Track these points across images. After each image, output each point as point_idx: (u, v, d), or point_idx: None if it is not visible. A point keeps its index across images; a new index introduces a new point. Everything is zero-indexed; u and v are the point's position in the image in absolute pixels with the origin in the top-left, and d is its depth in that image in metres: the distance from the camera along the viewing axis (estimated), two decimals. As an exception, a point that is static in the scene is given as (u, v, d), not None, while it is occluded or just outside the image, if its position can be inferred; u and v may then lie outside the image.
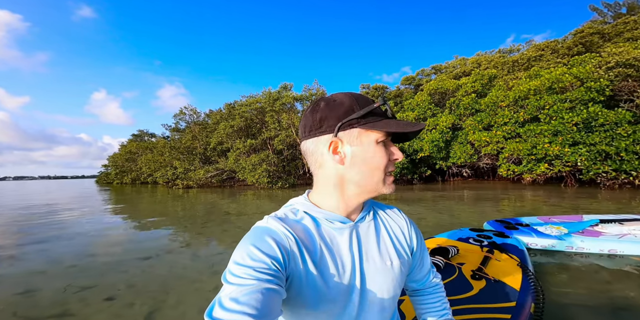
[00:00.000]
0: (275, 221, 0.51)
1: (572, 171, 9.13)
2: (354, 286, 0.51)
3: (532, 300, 1.24)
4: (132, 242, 3.89)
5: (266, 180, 14.89)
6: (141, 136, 37.53)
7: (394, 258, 0.56)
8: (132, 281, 2.42)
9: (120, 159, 33.82)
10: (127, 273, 2.62)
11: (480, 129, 11.49)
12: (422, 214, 5.13)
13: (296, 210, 0.56)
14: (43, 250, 3.50)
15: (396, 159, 0.53)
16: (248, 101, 19.33)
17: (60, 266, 2.86)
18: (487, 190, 8.88)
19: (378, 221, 0.61)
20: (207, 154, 21.02)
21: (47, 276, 2.58)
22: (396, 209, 0.66)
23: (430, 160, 13.32)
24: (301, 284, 0.48)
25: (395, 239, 0.60)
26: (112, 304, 2.02)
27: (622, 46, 10.32)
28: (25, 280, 2.49)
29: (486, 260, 1.65)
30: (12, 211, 7.91)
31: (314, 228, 0.53)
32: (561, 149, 8.60)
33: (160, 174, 23.04)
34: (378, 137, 0.50)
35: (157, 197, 12.21)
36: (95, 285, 2.35)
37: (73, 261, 3.03)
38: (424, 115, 13.97)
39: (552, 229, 2.55)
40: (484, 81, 13.54)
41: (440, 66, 26.33)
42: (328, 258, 0.51)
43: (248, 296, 0.39)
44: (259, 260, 0.44)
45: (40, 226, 5.34)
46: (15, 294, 2.19)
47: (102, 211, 7.57)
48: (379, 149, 0.51)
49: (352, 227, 0.55)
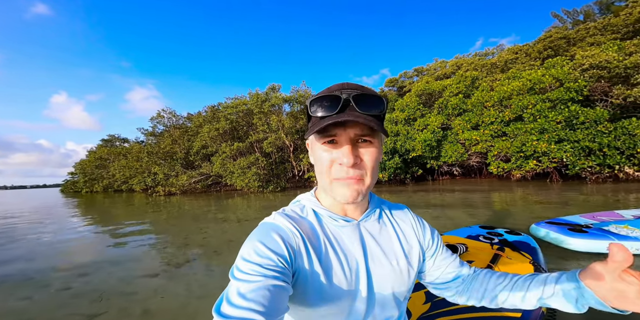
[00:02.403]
0: (282, 217, 0.52)
1: (557, 167, 9.64)
2: (359, 285, 0.51)
3: None
4: (129, 259, 3.37)
5: (257, 184, 14.33)
6: (112, 141, 34.96)
7: (400, 258, 0.55)
8: (146, 305, 2.01)
9: (89, 165, 31.24)
10: (136, 295, 2.20)
11: (469, 129, 11.87)
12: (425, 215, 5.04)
13: (303, 206, 0.57)
14: (22, 272, 2.89)
15: (341, 163, 0.47)
16: (233, 103, 18.58)
17: (50, 289, 2.35)
18: (481, 188, 9.11)
19: (384, 220, 0.59)
20: (190, 159, 19.91)
21: (36, 303, 2.08)
22: (406, 209, 0.65)
23: (421, 160, 13.55)
24: (306, 281, 0.48)
25: (402, 238, 0.58)
26: None
27: (592, 49, 11.19)
28: (10, 307, 1.98)
29: (496, 258, 1.60)
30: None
31: (319, 226, 0.53)
32: (548, 146, 9.04)
33: (137, 181, 21.47)
34: (317, 139, 0.49)
35: (147, 205, 11.22)
36: (102, 312, 1.92)
37: (65, 282, 2.51)
38: (413, 115, 14.23)
39: (622, 229, 2.38)
40: (467, 83, 14.07)
41: (422, 68, 27.30)
42: (332, 256, 0.50)
43: (255, 292, 0.39)
44: (265, 257, 0.44)
45: (7, 244, 4.54)
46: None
47: (76, 222, 6.71)
48: (320, 152, 0.49)
49: (356, 225, 0.55)
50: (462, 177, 14.66)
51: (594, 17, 22.49)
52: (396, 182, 13.68)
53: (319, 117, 0.47)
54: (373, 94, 0.48)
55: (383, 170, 12.59)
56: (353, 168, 0.47)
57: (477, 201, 6.22)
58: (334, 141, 0.47)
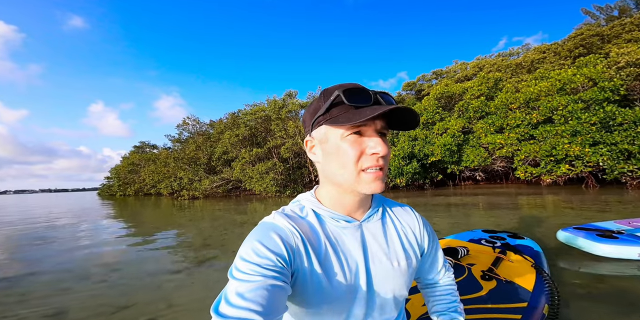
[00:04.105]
0: (281, 217, 0.51)
1: (593, 171, 8.91)
2: (359, 286, 0.51)
3: (546, 301, 1.20)
4: (157, 255, 3.62)
5: (275, 189, 14.62)
6: (143, 148, 37.41)
7: (401, 259, 0.55)
8: (171, 299, 2.17)
9: (123, 170, 33.59)
10: (161, 289, 2.37)
11: (492, 132, 11.36)
12: (435, 218, 4.87)
13: (302, 206, 0.56)
14: (63, 266, 3.22)
15: (374, 153, 0.46)
16: (252, 110, 19.31)
17: (87, 282, 2.59)
18: (506, 193, 8.63)
19: (387, 220, 0.59)
20: (212, 164, 20.81)
21: (74, 294, 2.32)
22: (408, 208, 0.64)
23: (441, 165, 13.12)
24: (305, 282, 0.48)
25: (405, 239, 0.58)
26: None
27: (629, 46, 10.36)
28: (52, 299, 2.22)
29: (498, 261, 1.61)
30: (20, 224, 7.62)
31: (319, 226, 0.52)
32: (582, 149, 8.42)
33: (164, 185, 22.74)
34: (343, 131, 0.47)
35: (172, 208, 11.90)
36: (131, 304, 2.10)
37: (99, 276, 2.76)
38: (432, 119, 13.89)
39: None
40: (489, 84, 13.54)
41: (441, 71, 26.68)
42: (333, 257, 0.50)
43: (253, 292, 0.39)
44: (264, 257, 0.44)
45: (52, 241, 5.05)
46: (44, 316, 1.92)
47: (115, 223, 7.28)
48: (346, 143, 0.47)
49: (357, 226, 0.54)
50: (486, 183, 13.95)
51: (630, 12, 20.86)
52: (414, 188, 13.33)
53: (353, 106, 0.47)
54: (386, 92, 0.51)
55: (400, 175, 12.34)
56: (382, 158, 0.47)
57: (502, 207, 5.92)
58: (360, 132, 0.47)
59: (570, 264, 2.32)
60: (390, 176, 12.89)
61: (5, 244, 4.93)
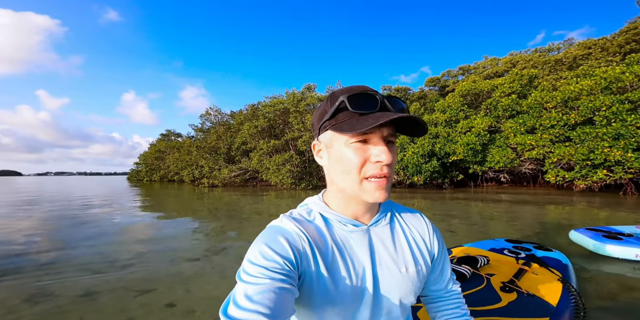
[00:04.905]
0: (289, 221, 0.51)
1: (634, 178, 8.14)
2: (365, 291, 0.50)
3: (570, 317, 1.14)
4: (178, 241, 3.85)
5: (290, 181, 14.84)
6: (168, 136, 39.24)
7: (409, 265, 0.54)
8: (189, 285, 2.29)
9: (150, 157, 35.56)
10: (181, 275, 2.51)
11: (523, 132, 10.65)
12: (451, 221, 4.68)
13: (310, 210, 0.56)
14: (93, 247, 3.52)
15: (378, 161, 0.46)
16: (271, 102, 19.46)
17: (115, 266, 2.81)
18: (533, 197, 8.13)
19: (395, 225, 0.58)
20: (231, 154, 21.44)
21: (104, 276, 2.52)
22: (418, 214, 0.63)
23: (463, 164, 12.58)
24: (312, 285, 0.48)
25: (413, 244, 0.57)
26: (174, 311, 1.88)
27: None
28: (84, 280, 2.44)
29: (520, 272, 1.52)
30: (58, 206, 8.38)
31: (326, 230, 0.52)
32: (624, 154, 7.68)
33: (186, 173, 23.86)
34: (347, 137, 0.47)
35: (193, 195, 12.50)
36: (153, 289, 2.24)
37: (126, 260, 2.97)
38: (456, 117, 13.26)
39: None
40: (523, 81, 12.60)
41: (469, 67, 25.31)
42: (339, 261, 0.50)
43: (261, 295, 0.39)
44: (271, 260, 0.44)
45: (86, 222, 5.51)
46: (79, 296, 2.11)
47: (142, 208, 7.79)
48: (350, 150, 0.47)
49: (365, 230, 0.54)
50: (511, 185, 13.23)
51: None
52: (432, 187, 12.94)
53: (357, 113, 0.46)
54: (395, 96, 0.49)
55: (419, 174, 12.02)
56: (387, 166, 0.47)
57: (528, 212, 5.60)
58: (365, 140, 0.47)
59: (600, 276, 2.18)
60: (407, 174, 12.59)
61: (48, 224, 5.47)
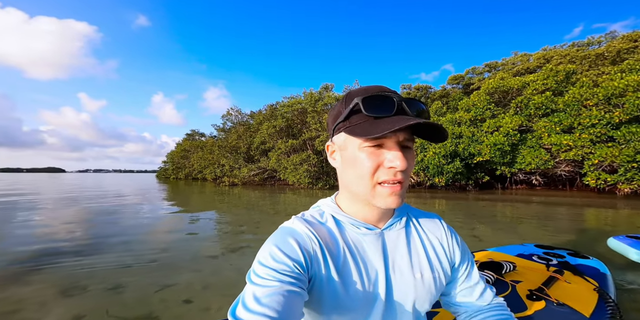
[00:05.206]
0: (300, 223, 0.51)
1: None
2: (377, 296, 0.49)
3: None
4: (199, 237, 3.98)
5: (307, 181, 14.90)
6: (193, 135, 41.07)
7: (425, 270, 0.52)
8: (207, 282, 2.35)
9: (177, 156, 37.44)
10: (200, 272, 2.59)
11: (558, 132, 9.86)
12: (475, 224, 4.37)
13: (322, 212, 0.56)
14: (124, 241, 3.72)
15: (392, 166, 0.44)
16: (289, 102, 19.67)
17: (142, 260, 2.95)
18: (569, 201, 7.47)
19: (411, 229, 0.56)
20: (251, 153, 21.97)
21: (131, 270, 2.65)
22: (436, 218, 0.61)
23: (489, 166, 11.90)
24: (322, 289, 0.47)
25: (430, 249, 0.55)
26: (190, 307, 1.94)
27: None
28: (113, 273, 2.57)
29: (551, 280, 1.39)
30: (97, 202, 9.05)
31: (338, 232, 0.51)
32: (680, 157, 6.84)
33: (209, 171, 24.81)
34: (360, 141, 0.46)
35: (215, 193, 12.96)
36: (174, 284, 2.32)
37: (151, 255, 3.12)
38: (481, 116, 12.57)
39: None
40: (558, 78, 11.65)
41: (496, 63, 24.05)
42: (351, 265, 0.49)
43: (269, 298, 0.39)
44: (281, 262, 0.44)
45: (119, 217, 5.88)
46: (107, 289, 2.23)
47: (169, 205, 8.20)
48: (363, 154, 0.46)
49: (378, 234, 0.52)
50: (544, 188, 12.30)
51: None
52: (455, 188, 12.37)
53: (372, 116, 0.45)
54: (414, 98, 0.47)
55: (440, 175, 11.55)
56: (401, 172, 0.45)
57: (563, 218, 5.15)
58: (379, 144, 0.45)
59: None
60: (428, 175, 12.15)
61: (87, 217, 5.93)
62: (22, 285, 2.30)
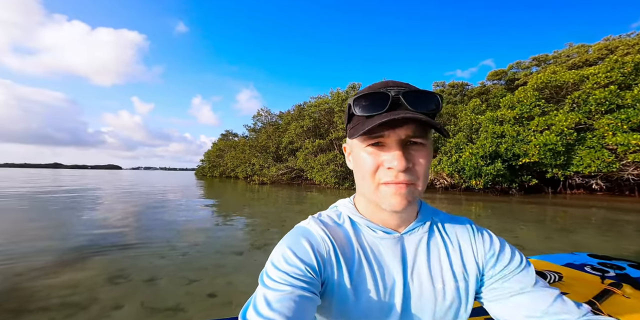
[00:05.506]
0: (315, 223, 0.50)
1: None
2: (392, 307, 0.46)
3: None
4: (227, 234, 4.15)
5: (334, 181, 14.83)
6: (227, 135, 43.48)
7: (448, 280, 0.48)
8: (230, 278, 2.42)
9: (212, 155, 39.97)
10: (225, 268, 2.67)
11: (626, 130, 8.51)
12: (517, 231, 3.83)
13: (339, 213, 0.54)
14: (163, 236, 3.95)
15: (390, 167, 0.42)
16: (317, 102, 19.79)
17: (175, 253, 3.14)
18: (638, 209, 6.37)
19: (435, 235, 0.52)
20: (279, 153, 22.54)
21: (166, 262, 2.82)
22: (467, 223, 0.54)
23: (538, 168, 10.71)
24: (332, 293, 0.45)
25: (456, 257, 0.50)
26: (214, 302, 2.00)
27: None
28: (151, 265, 2.76)
29: (605, 294, 1.18)
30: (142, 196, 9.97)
31: (354, 235, 0.49)
32: None
33: (240, 170, 26.01)
34: (360, 141, 0.45)
35: (245, 191, 13.53)
36: (201, 278, 2.42)
37: (184, 248, 3.31)
38: (529, 113, 11.38)
39: None
40: (626, 70, 10.08)
41: (546, 56, 21.96)
42: (366, 271, 0.46)
43: (280, 303, 0.38)
44: (293, 265, 0.43)
45: (162, 210, 6.41)
46: (144, 280, 2.40)
47: (204, 201, 8.73)
48: (364, 154, 0.45)
49: (398, 238, 0.49)
50: (606, 194, 10.72)
51: None
52: (495, 192, 11.33)
53: (364, 116, 0.44)
54: (423, 90, 0.43)
55: (477, 177, 10.67)
56: (404, 173, 0.42)
57: (628, 227, 4.38)
58: (380, 143, 0.43)
59: None
60: (464, 177, 11.31)
61: (136, 210, 6.58)
62: (79, 270, 2.58)
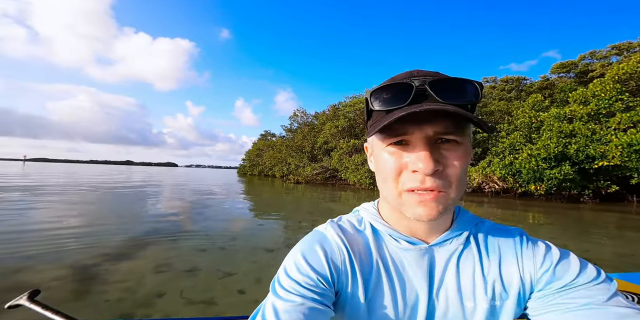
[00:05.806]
0: (333, 229, 0.46)
1: None
2: None
3: None
4: (261, 231, 4.27)
5: (368, 182, 14.46)
6: (266, 136, 45.65)
7: (480, 300, 0.41)
8: (259, 275, 2.46)
9: (252, 154, 42.42)
10: (256, 264, 2.75)
11: None
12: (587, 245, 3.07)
13: (361, 218, 0.50)
14: (205, 230, 4.22)
15: (414, 170, 0.37)
16: (352, 102, 19.46)
17: (214, 246, 3.34)
18: None
19: (472, 247, 0.44)
20: (314, 153, 22.79)
21: (206, 256, 3.00)
22: (517, 234, 0.45)
23: (619, 172, 8.90)
24: (344, 307, 0.42)
25: (494, 273, 0.43)
26: (243, 298, 2.05)
27: None
28: (192, 256, 2.96)
29: None
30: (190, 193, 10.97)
31: (374, 244, 0.45)
32: None
33: (277, 169, 27.04)
34: (380, 140, 0.40)
35: (281, 189, 14.04)
36: (234, 273, 2.51)
37: (222, 243, 3.49)
38: (608, 109, 9.51)
39: None
40: None
41: (629, 44, 19.16)
42: (385, 284, 0.42)
43: (288, 314, 0.36)
44: (305, 275, 0.41)
45: (207, 206, 6.95)
46: (185, 271, 2.57)
47: (244, 198, 9.25)
48: (385, 154, 0.40)
49: (425, 250, 0.43)
50: None
51: None
52: (560, 198, 9.74)
53: (384, 111, 0.38)
54: (455, 77, 0.37)
55: (538, 181, 9.30)
56: (432, 177, 0.36)
57: None
58: (404, 142, 0.38)
59: None
60: (520, 181, 9.95)
61: (186, 204, 7.16)
62: (132, 258, 2.87)
